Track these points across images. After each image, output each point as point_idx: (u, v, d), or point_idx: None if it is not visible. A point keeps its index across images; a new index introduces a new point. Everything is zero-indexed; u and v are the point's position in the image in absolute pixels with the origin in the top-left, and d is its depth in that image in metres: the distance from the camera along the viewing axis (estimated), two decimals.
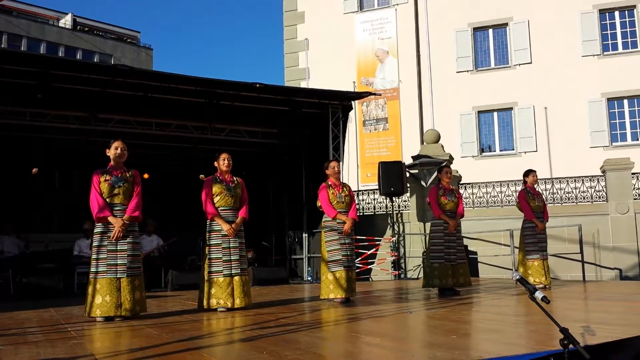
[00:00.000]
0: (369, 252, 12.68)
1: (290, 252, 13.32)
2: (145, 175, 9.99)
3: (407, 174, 13.01)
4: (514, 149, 18.29)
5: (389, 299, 7.27)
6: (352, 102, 13.03)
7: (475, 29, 19.08)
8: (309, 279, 12.36)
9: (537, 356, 3.02)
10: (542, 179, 13.32)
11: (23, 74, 9.38)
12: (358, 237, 10.15)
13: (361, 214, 13.82)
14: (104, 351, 3.56)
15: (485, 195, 13.90)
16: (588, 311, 5.61)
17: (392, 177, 12.49)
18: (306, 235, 12.84)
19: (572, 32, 17.86)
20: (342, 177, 7.45)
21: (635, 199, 12.61)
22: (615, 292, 7.44)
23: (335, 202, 6.57)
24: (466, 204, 12.93)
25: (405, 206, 13.80)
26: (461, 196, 7.88)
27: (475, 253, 12.66)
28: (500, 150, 18.57)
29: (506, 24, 18.75)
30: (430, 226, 7.70)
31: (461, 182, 13.88)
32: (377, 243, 12.96)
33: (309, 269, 12.64)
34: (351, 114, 13.07)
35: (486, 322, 4.78)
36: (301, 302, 7.21)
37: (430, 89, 19.02)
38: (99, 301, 5.10)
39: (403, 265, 13.05)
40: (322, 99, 12.13)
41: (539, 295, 3.04)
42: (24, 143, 11.72)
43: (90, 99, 10.41)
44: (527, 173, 8.32)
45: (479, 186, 13.99)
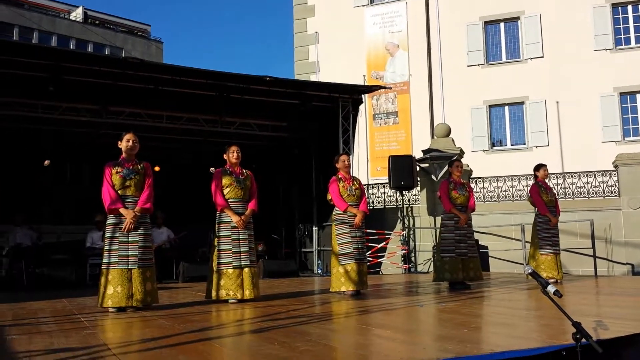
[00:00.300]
0: (379, 245, 12.68)
1: (301, 245, 13.36)
2: (156, 168, 9.98)
3: (418, 168, 12.97)
4: (525, 144, 18.19)
5: (399, 292, 7.26)
6: (362, 95, 13.01)
7: (487, 23, 18.95)
8: (319, 271, 12.39)
9: (549, 350, 3.00)
10: (554, 173, 13.25)
11: (34, 67, 9.42)
12: (368, 231, 10.15)
13: (371, 207, 13.82)
14: (116, 341, 3.59)
15: (496, 190, 13.85)
16: (600, 306, 5.57)
17: (403, 171, 12.45)
18: (316, 228, 12.87)
19: (585, 26, 17.69)
20: (352, 170, 7.43)
21: None
22: (627, 287, 7.38)
23: (345, 195, 6.56)
24: (477, 198, 12.88)
25: (416, 200, 13.78)
26: (472, 190, 7.82)
27: (486, 247, 12.62)
28: (512, 145, 18.48)
29: (518, 17, 18.60)
30: (440, 220, 7.67)
31: (472, 177, 13.82)
32: (387, 237, 12.95)
33: (319, 261, 12.67)
34: (361, 107, 13.04)
35: (497, 316, 4.76)
36: (311, 294, 7.22)
37: (441, 82, 18.93)
38: (110, 292, 5.14)
39: (413, 259, 13.04)
40: (332, 92, 12.12)
41: (551, 289, 3.00)
42: (35, 135, 11.80)
43: (101, 91, 10.46)
44: (538, 167, 8.24)
45: (490, 180, 13.93)
